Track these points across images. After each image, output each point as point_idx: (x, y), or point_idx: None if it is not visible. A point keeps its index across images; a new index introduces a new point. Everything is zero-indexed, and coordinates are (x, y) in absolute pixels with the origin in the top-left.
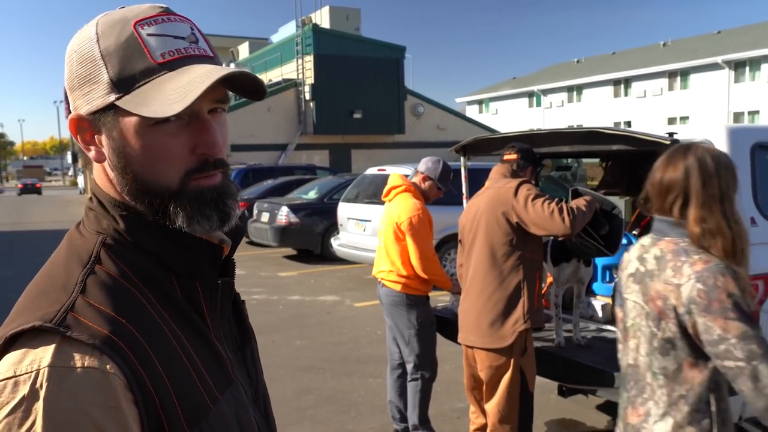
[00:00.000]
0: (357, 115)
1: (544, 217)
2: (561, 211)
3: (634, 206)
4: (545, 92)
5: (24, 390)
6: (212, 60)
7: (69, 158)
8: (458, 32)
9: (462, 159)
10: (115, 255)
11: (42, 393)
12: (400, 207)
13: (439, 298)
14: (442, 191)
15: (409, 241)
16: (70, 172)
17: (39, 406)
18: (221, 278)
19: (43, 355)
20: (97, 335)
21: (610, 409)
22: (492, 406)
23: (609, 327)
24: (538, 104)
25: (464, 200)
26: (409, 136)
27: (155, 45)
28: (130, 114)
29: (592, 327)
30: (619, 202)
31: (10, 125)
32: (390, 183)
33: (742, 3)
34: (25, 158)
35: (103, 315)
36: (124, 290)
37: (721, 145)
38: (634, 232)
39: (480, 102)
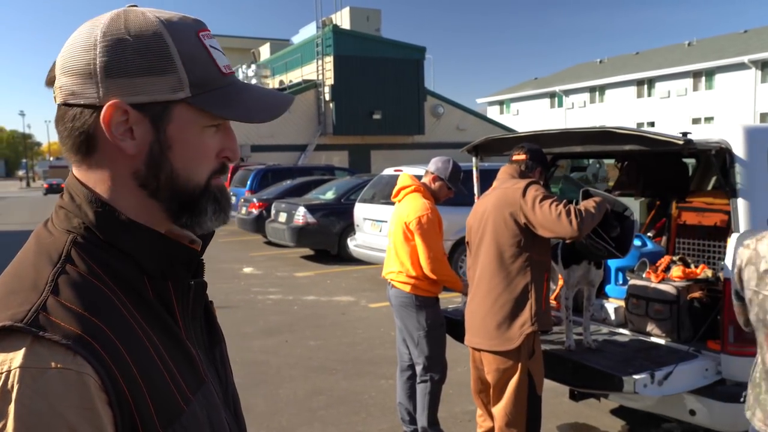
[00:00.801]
0: (376, 116)
1: (552, 219)
2: (569, 213)
3: (650, 208)
4: (567, 93)
5: None
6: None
7: None
8: (479, 33)
9: (474, 159)
10: (85, 254)
11: (13, 395)
12: (409, 207)
13: (454, 300)
14: (453, 191)
15: (418, 242)
16: None
17: (11, 409)
18: (194, 279)
19: (14, 356)
20: (70, 335)
21: (624, 413)
22: (499, 409)
23: (621, 330)
24: (560, 105)
25: (476, 200)
26: (428, 137)
27: (217, 57)
28: (189, 113)
29: (604, 330)
30: (634, 204)
31: (37, 126)
32: (399, 183)
33: None
34: (51, 159)
35: (75, 315)
36: (96, 290)
37: (738, 144)
38: (649, 234)
39: (501, 103)
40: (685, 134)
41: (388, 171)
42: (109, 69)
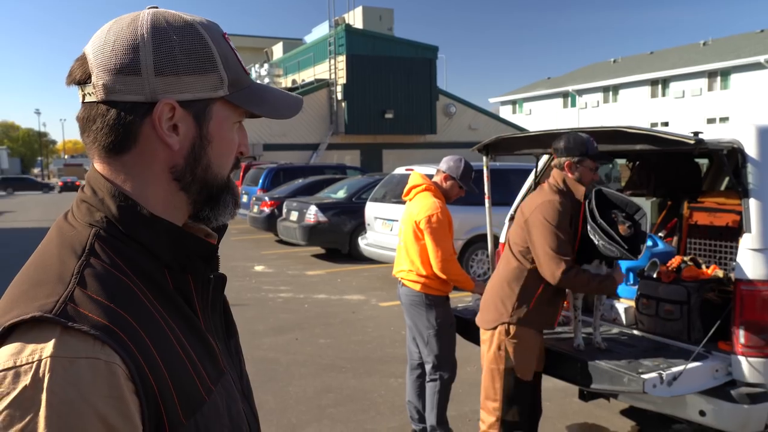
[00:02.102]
0: (389, 115)
1: (541, 252)
2: (560, 262)
3: (661, 208)
4: (580, 92)
5: (25, 380)
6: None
7: None
8: (492, 33)
9: (485, 158)
10: (108, 247)
11: (45, 383)
12: (420, 206)
13: (464, 299)
14: (464, 190)
15: (428, 241)
16: None
17: (42, 397)
18: (212, 273)
19: (44, 346)
20: (98, 326)
21: (634, 414)
22: (481, 389)
23: (631, 330)
24: (573, 105)
25: (486, 200)
26: (440, 137)
27: (241, 59)
28: (225, 110)
29: (614, 330)
30: (646, 204)
31: (52, 125)
32: (410, 182)
33: None
34: (66, 157)
35: (101, 306)
36: (120, 282)
37: (750, 144)
38: (660, 234)
39: (513, 102)
40: (696, 134)
41: (400, 170)
42: (159, 67)
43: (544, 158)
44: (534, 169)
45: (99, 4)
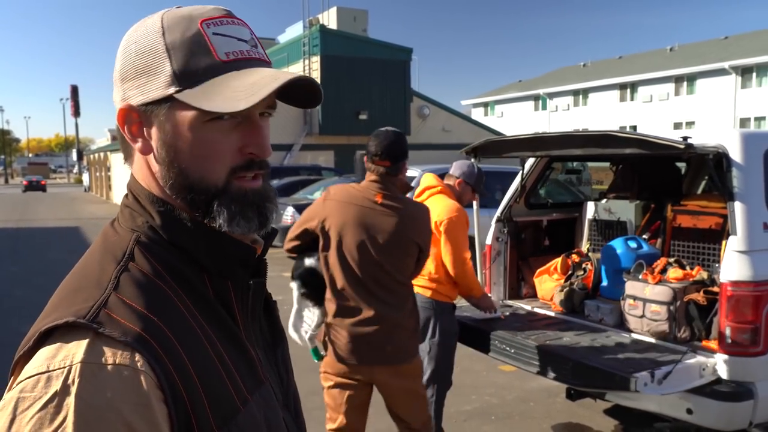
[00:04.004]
0: (363, 116)
1: None
2: None
3: (645, 210)
4: (551, 96)
5: (56, 385)
6: (269, 65)
7: (74, 155)
8: (464, 34)
9: (473, 161)
10: (148, 252)
11: (74, 389)
12: (440, 207)
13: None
14: (476, 195)
15: (448, 242)
16: (75, 170)
17: (70, 402)
18: (254, 279)
19: (76, 350)
20: (129, 332)
21: (617, 413)
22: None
23: (618, 331)
24: (544, 108)
25: (474, 203)
26: (414, 138)
27: (220, 44)
28: (187, 108)
29: (601, 330)
30: (629, 206)
31: (15, 122)
32: (424, 183)
33: (750, 8)
34: (30, 155)
35: (135, 312)
36: (157, 288)
37: (735, 149)
38: (644, 236)
39: (485, 105)
40: (685, 138)
41: None
42: (122, 74)
43: (530, 161)
44: (520, 172)
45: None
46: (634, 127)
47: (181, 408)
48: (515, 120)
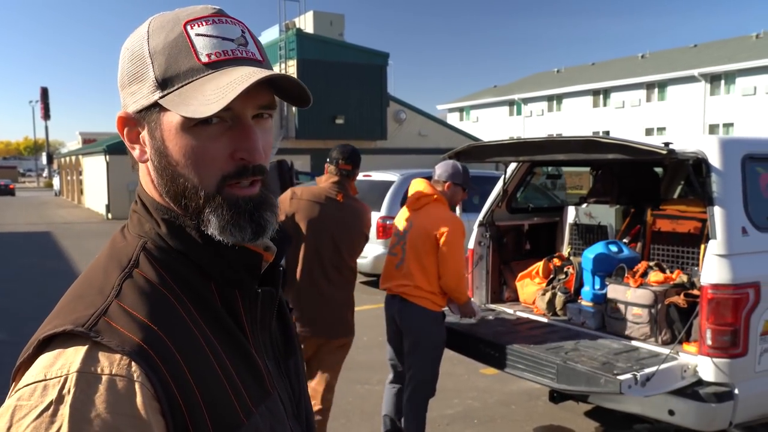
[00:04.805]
0: (339, 121)
1: None
2: None
3: (624, 215)
4: (526, 101)
5: (52, 394)
6: (260, 63)
7: (44, 159)
8: (440, 39)
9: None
10: (154, 259)
11: (68, 399)
12: (437, 217)
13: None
14: (467, 193)
15: (447, 254)
16: (45, 174)
17: (65, 412)
18: (261, 287)
19: (73, 359)
20: (126, 342)
21: (598, 415)
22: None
23: (600, 334)
24: (519, 113)
25: (457, 206)
26: (390, 143)
27: (202, 45)
28: (174, 114)
29: (583, 333)
30: (609, 211)
31: None
32: (417, 189)
33: (719, 17)
34: None
35: (135, 321)
36: (161, 296)
37: (714, 155)
38: (624, 240)
39: (461, 109)
40: (667, 144)
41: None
42: (120, 81)
43: (512, 166)
44: (503, 176)
45: (31, 4)
46: (607, 133)
47: (180, 420)
48: (490, 125)
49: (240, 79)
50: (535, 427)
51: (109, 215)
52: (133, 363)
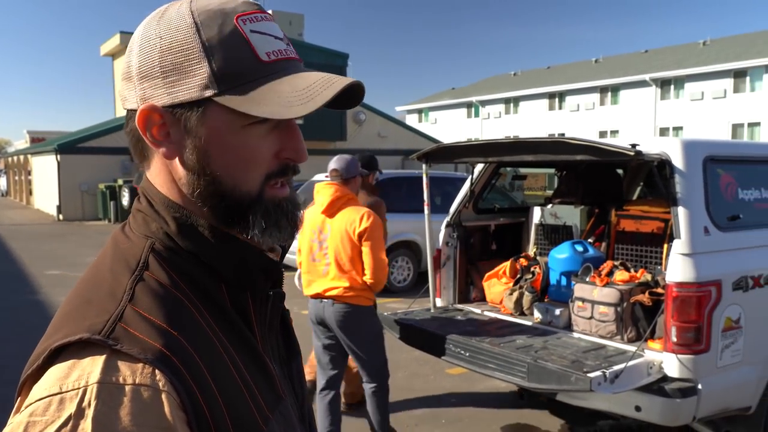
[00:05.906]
0: (298, 122)
1: None
2: None
3: (589, 215)
4: (483, 103)
5: (71, 408)
6: (301, 63)
7: None
8: (399, 39)
9: (424, 166)
10: (164, 261)
11: (90, 412)
12: (355, 216)
13: (388, 306)
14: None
15: (371, 249)
16: None
17: (87, 426)
18: (273, 289)
19: (92, 370)
20: (149, 349)
21: (564, 413)
22: None
23: (567, 332)
24: (477, 115)
25: (426, 207)
26: (350, 143)
27: (260, 43)
28: (225, 112)
29: (551, 332)
30: (574, 212)
31: None
32: (330, 197)
33: (667, 24)
34: None
35: (154, 326)
36: (175, 299)
37: (677, 156)
38: (589, 240)
39: (420, 111)
40: (634, 146)
41: (319, 176)
42: (141, 71)
43: (479, 167)
44: (469, 177)
45: None
46: (562, 135)
47: (205, 429)
48: (449, 126)
49: (321, 84)
50: (503, 426)
51: (60, 216)
52: (156, 371)
